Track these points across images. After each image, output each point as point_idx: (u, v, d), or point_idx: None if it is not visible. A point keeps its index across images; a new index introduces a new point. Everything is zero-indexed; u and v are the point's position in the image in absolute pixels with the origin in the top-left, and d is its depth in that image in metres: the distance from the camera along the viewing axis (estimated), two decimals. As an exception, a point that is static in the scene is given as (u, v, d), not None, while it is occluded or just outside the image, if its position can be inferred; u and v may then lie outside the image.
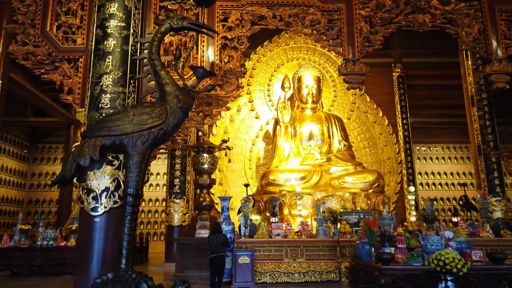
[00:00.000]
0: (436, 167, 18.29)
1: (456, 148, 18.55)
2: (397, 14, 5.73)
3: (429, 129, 17.43)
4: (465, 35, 5.75)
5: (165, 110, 4.22)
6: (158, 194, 17.91)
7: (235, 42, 5.65)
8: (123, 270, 3.90)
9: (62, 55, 5.54)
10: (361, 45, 5.60)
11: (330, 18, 5.76)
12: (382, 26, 5.70)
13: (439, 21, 5.79)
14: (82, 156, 3.95)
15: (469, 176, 18.09)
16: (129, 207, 4.06)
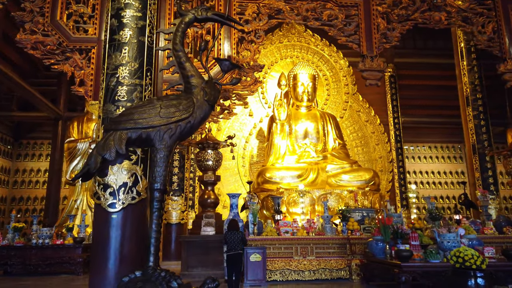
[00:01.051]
0: (424, 166, 18.56)
1: (444, 148, 18.87)
2: (414, 11, 5.73)
3: (419, 128, 17.67)
4: (480, 34, 5.77)
5: (192, 103, 4.09)
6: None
7: (252, 36, 5.54)
8: (151, 268, 3.76)
9: (73, 45, 5.33)
10: (378, 41, 5.58)
11: (348, 14, 5.72)
12: (399, 23, 5.69)
13: (454, 19, 5.82)
14: (107, 150, 3.78)
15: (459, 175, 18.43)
16: (157, 203, 3.92)
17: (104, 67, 4.94)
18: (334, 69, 15.44)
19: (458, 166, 18.63)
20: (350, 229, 7.05)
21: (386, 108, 15.67)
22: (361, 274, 6.46)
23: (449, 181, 18.45)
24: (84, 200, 10.61)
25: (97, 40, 5.35)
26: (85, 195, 10.63)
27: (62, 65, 5.31)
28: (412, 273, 4.92)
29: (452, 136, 18.78)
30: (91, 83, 5.22)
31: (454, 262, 4.98)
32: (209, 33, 5.58)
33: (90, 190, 10.71)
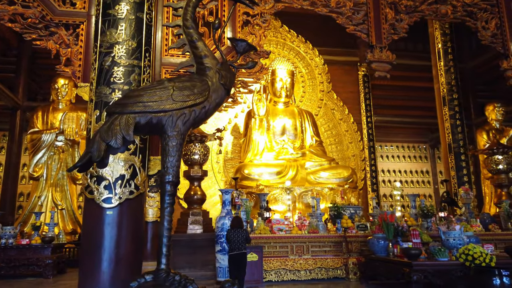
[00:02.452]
0: (392, 164, 18.85)
1: (410, 148, 19.26)
2: (421, 2, 5.57)
3: (388, 128, 17.90)
4: (483, 29, 5.71)
5: (207, 86, 3.66)
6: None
7: (258, 19, 5.16)
8: (164, 272, 3.30)
9: (59, 20, 4.71)
10: (387, 32, 5.37)
11: (356, 2, 5.47)
12: (406, 14, 5.52)
13: (460, 14, 5.73)
14: (113, 136, 3.28)
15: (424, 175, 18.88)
16: (169, 197, 3.46)
17: (97, 45, 4.40)
18: (309, 66, 15.30)
19: (424, 165, 19.08)
20: (344, 226, 6.84)
21: (359, 107, 15.72)
22: (358, 273, 6.26)
23: (415, 180, 18.85)
24: (49, 196, 9.79)
25: (86, 15, 4.77)
26: (50, 191, 9.82)
27: (46, 41, 4.69)
28: (423, 272, 4.75)
29: (418, 136, 19.23)
30: (80, 62, 4.64)
31: (463, 260, 4.87)
32: (212, 14, 5.15)
33: (55, 186, 9.91)
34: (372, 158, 15.35)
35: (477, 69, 15.58)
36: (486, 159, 8.78)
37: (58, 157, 9.94)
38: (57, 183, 9.86)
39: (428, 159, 19.27)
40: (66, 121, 9.87)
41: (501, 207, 7.76)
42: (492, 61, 15.80)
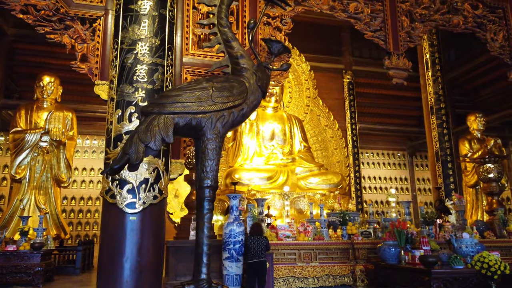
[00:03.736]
0: (372, 171, 19.13)
1: (390, 155, 19.62)
2: (435, 12, 5.63)
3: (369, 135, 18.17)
4: (492, 41, 5.83)
5: (245, 87, 3.53)
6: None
7: (278, 22, 5.06)
8: (205, 282, 3.12)
9: (74, 13, 4.43)
10: (403, 39, 5.38)
11: (373, 9, 5.47)
12: (421, 23, 5.56)
13: (470, 24, 5.83)
14: (152, 137, 3.08)
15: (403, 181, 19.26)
16: (208, 203, 3.29)
17: (118, 41, 4.18)
18: (296, 72, 15.34)
19: (402, 172, 19.48)
20: (349, 233, 6.81)
21: (344, 114, 15.90)
22: (365, 280, 6.23)
23: (394, 186, 19.19)
24: (32, 199, 9.29)
25: (104, 8, 4.52)
26: (33, 194, 9.31)
27: (60, 35, 4.40)
28: (442, 279, 4.76)
29: (397, 144, 19.64)
30: (97, 59, 4.38)
31: (479, 268, 4.92)
32: (232, 14, 5.00)
33: (39, 188, 9.42)
34: (356, 165, 15.52)
35: (455, 80, 16.06)
36: (477, 168, 9.00)
37: (42, 158, 9.46)
38: (41, 186, 9.37)
39: (406, 166, 19.69)
40: (52, 120, 9.41)
41: (495, 215, 7.95)
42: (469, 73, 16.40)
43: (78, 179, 15.54)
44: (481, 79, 16.45)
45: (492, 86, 16.62)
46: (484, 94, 17.14)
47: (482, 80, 16.42)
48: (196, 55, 4.70)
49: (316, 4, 5.26)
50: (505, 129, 17.63)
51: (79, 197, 15.58)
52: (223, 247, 6.07)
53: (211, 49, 4.84)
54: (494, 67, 15.41)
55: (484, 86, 16.71)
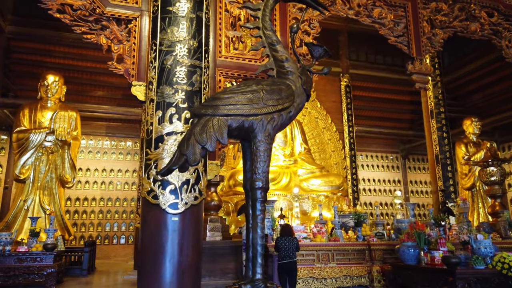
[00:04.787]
0: (366, 173, 19.37)
1: (384, 158, 19.90)
2: (454, 18, 5.78)
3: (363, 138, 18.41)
4: (507, 48, 6.02)
5: (292, 90, 3.59)
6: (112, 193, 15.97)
7: (306, 26, 5.13)
8: (261, 281, 3.15)
9: (110, 14, 4.42)
10: (425, 45, 5.52)
11: (396, 14, 5.59)
12: (441, 29, 5.70)
13: (487, 31, 6.00)
14: (208, 139, 3.11)
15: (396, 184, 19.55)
16: (260, 204, 3.33)
17: (156, 42, 4.18)
18: (295, 74, 15.43)
19: (396, 174, 19.77)
20: (363, 234, 6.92)
21: (342, 117, 16.10)
22: (382, 281, 6.35)
23: (387, 188, 19.48)
24: (36, 200, 9.15)
25: (139, 10, 4.52)
26: (37, 195, 9.18)
27: (97, 35, 4.38)
28: (466, 280, 4.89)
29: (391, 146, 19.95)
30: (133, 60, 4.37)
31: (500, 268, 5.07)
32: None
33: (43, 189, 9.29)
34: (353, 167, 15.72)
35: (448, 85, 16.40)
36: (481, 171, 9.24)
37: (46, 158, 9.34)
38: (45, 186, 9.25)
39: (399, 169, 20.00)
40: (58, 120, 9.29)
41: (500, 217, 8.18)
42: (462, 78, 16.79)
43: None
44: (473, 84, 16.86)
45: (484, 92, 17.06)
46: (476, 99, 17.56)
47: (474, 85, 16.84)
48: (229, 57, 4.73)
49: (342, 9, 5.35)
50: (495, 133, 18.09)
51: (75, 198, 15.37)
52: (243, 248, 6.12)
53: (242, 51, 4.90)
54: (487, 73, 15.85)
55: (476, 91, 17.13)
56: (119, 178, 16.13)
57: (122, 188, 16.08)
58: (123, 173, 16.21)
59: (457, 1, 5.85)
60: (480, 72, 15.88)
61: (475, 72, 16.07)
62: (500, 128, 17.73)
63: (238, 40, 4.91)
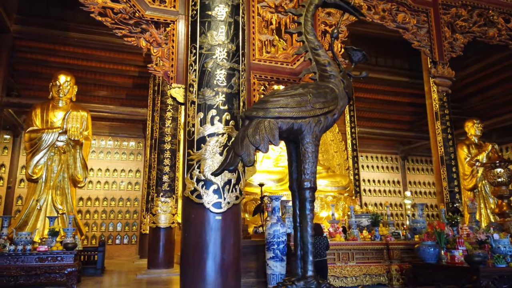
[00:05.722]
0: (367, 174, 19.59)
1: (383, 158, 20.14)
2: (473, 24, 5.95)
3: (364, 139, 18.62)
4: (522, 52, 6.19)
5: (335, 93, 3.72)
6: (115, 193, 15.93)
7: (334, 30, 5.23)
8: (313, 278, 3.26)
9: (150, 17, 4.50)
10: (447, 49, 5.67)
11: (418, 19, 5.73)
12: (461, 34, 5.86)
13: (504, 37, 6.17)
14: (261, 140, 3.21)
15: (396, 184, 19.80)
16: (309, 204, 3.45)
17: (196, 46, 4.28)
18: (299, 76, 15.57)
19: (395, 175, 20.02)
20: (381, 234, 7.07)
21: (344, 118, 16.27)
22: (400, 279, 6.50)
23: (387, 189, 19.71)
24: (49, 199, 9.16)
25: (177, 13, 4.60)
26: (49, 194, 9.19)
27: (137, 38, 4.45)
28: (490, 278, 5.05)
29: (390, 148, 20.21)
30: (172, 62, 4.45)
31: (521, 266, 5.24)
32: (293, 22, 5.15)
33: (55, 189, 9.30)
34: (355, 168, 15.90)
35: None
36: (488, 172, 9.44)
37: (59, 158, 9.35)
38: (58, 186, 9.26)
39: (399, 169, 20.25)
40: (70, 120, 9.31)
41: (510, 217, 8.38)
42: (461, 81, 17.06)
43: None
44: (472, 87, 17.15)
45: (482, 94, 17.36)
46: (474, 102, 17.85)
47: (473, 88, 17.12)
48: (262, 60, 4.84)
49: (368, 14, 5.48)
50: (493, 135, 18.41)
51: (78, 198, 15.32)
52: (267, 247, 6.23)
53: (274, 55, 5.00)
54: (486, 76, 16.15)
55: (475, 93, 17.42)
56: (123, 178, 16.13)
57: (126, 188, 16.09)
58: (126, 173, 16.21)
59: (476, 7, 6.01)
60: (479, 75, 16.16)
61: (475, 75, 16.34)
62: (498, 130, 18.06)
63: (270, 43, 5.03)
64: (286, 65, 4.95)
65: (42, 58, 14.03)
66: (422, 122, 18.56)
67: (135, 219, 15.87)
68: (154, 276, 8.40)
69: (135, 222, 15.84)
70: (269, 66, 4.87)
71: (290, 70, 4.93)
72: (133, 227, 15.80)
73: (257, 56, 4.80)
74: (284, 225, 6.31)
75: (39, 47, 13.72)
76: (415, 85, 16.64)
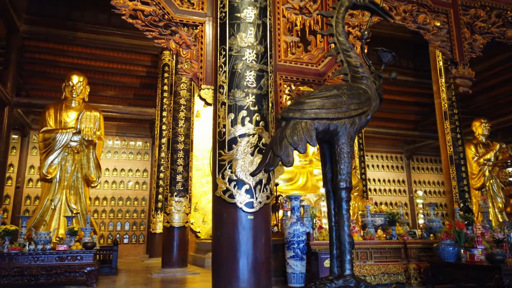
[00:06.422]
0: (372, 173, 19.65)
1: (388, 158, 20.20)
2: (492, 24, 6.00)
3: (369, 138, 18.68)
4: (539, 53, 6.24)
5: (368, 95, 3.77)
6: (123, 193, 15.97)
7: (357, 31, 5.31)
8: (351, 276, 3.32)
9: (179, 19, 4.55)
10: (467, 50, 5.73)
11: (439, 20, 5.78)
12: (480, 35, 5.92)
13: (521, 37, 6.22)
14: (300, 141, 3.27)
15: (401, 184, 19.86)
16: (346, 204, 3.50)
17: (225, 47, 4.33)
18: (306, 75, 15.62)
19: (400, 175, 20.08)
20: (397, 233, 7.13)
21: (351, 117, 16.34)
22: (419, 278, 6.56)
23: (392, 188, 19.77)
24: (63, 199, 9.21)
25: (205, 16, 4.64)
26: (63, 194, 9.23)
27: (167, 40, 4.49)
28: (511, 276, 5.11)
29: (395, 147, 20.28)
30: (201, 64, 4.49)
31: (541, 265, 5.30)
32: (317, 24, 5.21)
33: (69, 188, 9.35)
34: (362, 167, 15.97)
35: (454, 86, 16.63)
36: (499, 171, 9.52)
37: (72, 158, 9.40)
38: (72, 185, 9.31)
39: (403, 169, 20.31)
40: (84, 120, 9.35)
41: (523, 216, 8.47)
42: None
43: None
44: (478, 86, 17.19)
45: (488, 94, 17.43)
46: (480, 101, 17.92)
47: (479, 87, 17.17)
48: (288, 61, 4.89)
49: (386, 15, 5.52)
50: (498, 135, 18.47)
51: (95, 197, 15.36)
52: (286, 246, 6.29)
53: (299, 56, 5.05)
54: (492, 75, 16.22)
55: (480, 93, 17.48)
56: (130, 177, 16.18)
57: (133, 188, 16.13)
58: (133, 172, 16.25)
59: (494, 8, 6.07)
60: (485, 74, 16.21)
61: (480, 74, 16.38)
62: (503, 130, 18.13)
63: (295, 45, 5.08)
64: (311, 66, 5.01)
65: (51, 58, 14.07)
66: (428, 122, 18.66)
67: (143, 219, 15.92)
68: (169, 275, 8.45)
69: (142, 221, 15.88)
70: (295, 67, 4.92)
71: (315, 71, 4.99)
72: (141, 226, 15.85)
73: (282, 57, 4.86)
74: (304, 225, 6.37)
75: (47, 47, 13.76)
76: (421, 85, 16.72)
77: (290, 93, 4.79)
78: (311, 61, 5.00)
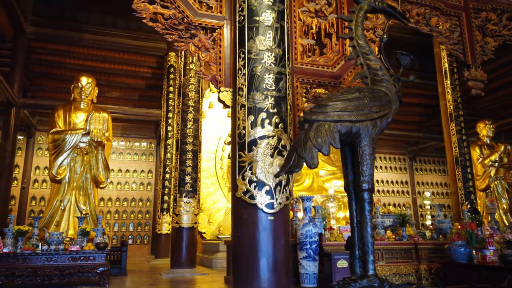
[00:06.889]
0: (375, 175, 19.71)
1: (391, 159, 20.25)
2: (503, 27, 6.06)
3: (373, 139, 18.67)
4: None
5: (389, 97, 3.82)
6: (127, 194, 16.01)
7: (371, 34, 5.36)
8: (374, 276, 3.36)
9: (198, 22, 4.60)
10: (479, 52, 5.78)
11: (451, 23, 5.84)
12: (492, 37, 5.98)
13: (531, 40, 6.28)
14: (324, 143, 3.31)
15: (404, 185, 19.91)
16: (368, 205, 3.54)
17: (244, 50, 4.38)
18: (311, 77, 15.67)
19: (403, 176, 20.13)
20: (408, 234, 7.18)
21: (355, 119, 16.40)
22: (430, 279, 6.61)
23: (395, 189, 19.82)
24: (72, 200, 9.24)
25: (224, 19, 4.70)
26: (73, 195, 9.27)
27: (186, 43, 4.54)
28: (525, 276, 5.16)
29: (398, 148, 20.32)
30: (220, 67, 4.54)
31: (553, 265, 5.35)
32: (332, 27, 5.26)
33: (79, 189, 9.39)
34: (366, 168, 16.00)
35: (460, 88, 16.71)
36: (506, 173, 9.57)
37: (81, 159, 9.43)
38: (81, 186, 9.35)
39: (406, 170, 20.37)
40: (93, 121, 9.40)
41: (531, 217, 8.52)
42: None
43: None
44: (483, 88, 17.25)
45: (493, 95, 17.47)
46: (485, 102, 17.96)
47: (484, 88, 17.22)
48: (304, 64, 4.95)
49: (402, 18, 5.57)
50: (501, 136, 18.52)
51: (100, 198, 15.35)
52: (299, 247, 6.34)
53: (314, 59, 5.10)
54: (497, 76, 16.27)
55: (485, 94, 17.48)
56: (135, 178, 16.22)
57: (138, 189, 16.17)
58: (138, 173, 16.29)
59: (505, 11, 6.13)
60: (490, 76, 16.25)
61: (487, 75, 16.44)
62: (506, 131, 18.18)
63: (311, 47, 5.13)
64: (327, 69, 5.06)
65: (57, 60, 14.11)
66: (431, 123, 18.71)
67: (147, 220, 15.96)
68: (178, 276, 8.49)
69: (147, 222, 15.92)
70: (311, 69, 4.98)
71: (330, 73, 5.04)
72: (146, 227, 15.88)
73: (299, 60, 4.91)
74: (316, 226, 6.42)
75: (54, 48, 13.81)
76: (424, 86, 16.76)
77: (307, 95, 4.84)
78: (327, 63, 5.05)
